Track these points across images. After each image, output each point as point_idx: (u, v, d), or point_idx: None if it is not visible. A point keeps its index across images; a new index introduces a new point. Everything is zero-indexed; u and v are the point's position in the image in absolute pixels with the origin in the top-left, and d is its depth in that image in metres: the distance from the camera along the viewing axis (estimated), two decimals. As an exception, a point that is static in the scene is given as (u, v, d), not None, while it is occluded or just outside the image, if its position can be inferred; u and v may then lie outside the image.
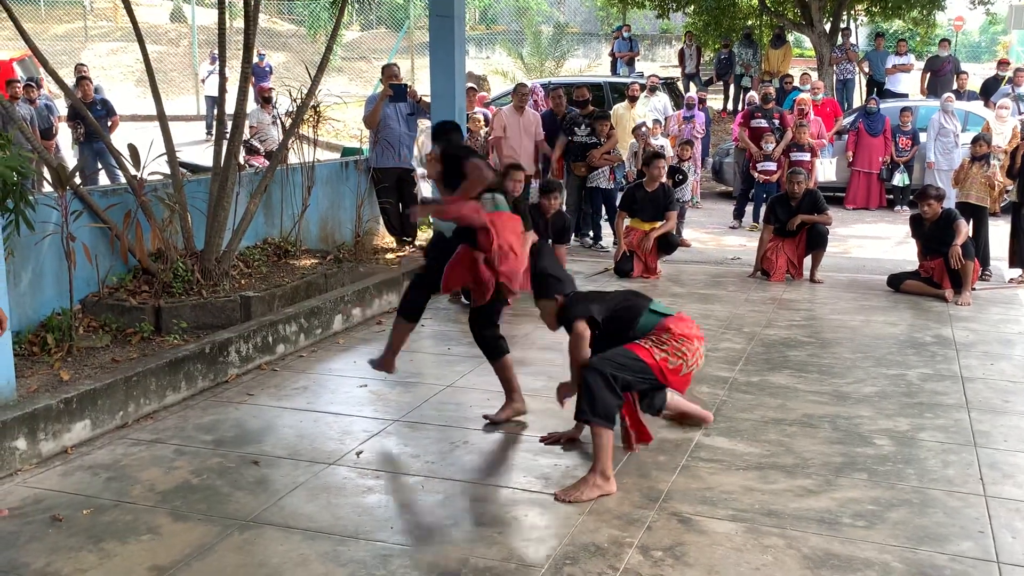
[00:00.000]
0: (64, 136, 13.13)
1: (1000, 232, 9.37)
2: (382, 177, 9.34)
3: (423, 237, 9.59)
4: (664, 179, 9.34)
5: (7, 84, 11.64)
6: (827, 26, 18.44)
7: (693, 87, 19.19)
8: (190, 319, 6.33)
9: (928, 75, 16.88)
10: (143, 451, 4.59)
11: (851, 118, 14.37)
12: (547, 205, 8.89)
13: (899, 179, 13.47)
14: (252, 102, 10.23)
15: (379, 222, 9.75)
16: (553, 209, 8.91)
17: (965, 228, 8.01)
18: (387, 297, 7.44)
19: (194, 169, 9.54)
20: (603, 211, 10.47)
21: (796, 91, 14.53)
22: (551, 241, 8.85)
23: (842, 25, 19.39)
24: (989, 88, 15.40)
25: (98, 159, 12.07)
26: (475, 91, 12.53)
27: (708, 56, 22.79)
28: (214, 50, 16.22)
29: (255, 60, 12.14)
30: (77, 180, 6.45)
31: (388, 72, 9.41)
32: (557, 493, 4.08)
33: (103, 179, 12.07)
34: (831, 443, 4.71)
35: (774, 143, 11.86)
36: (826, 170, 12.66)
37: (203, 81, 18.64)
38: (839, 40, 18.23)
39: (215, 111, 10.54)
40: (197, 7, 22.85)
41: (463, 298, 7.27)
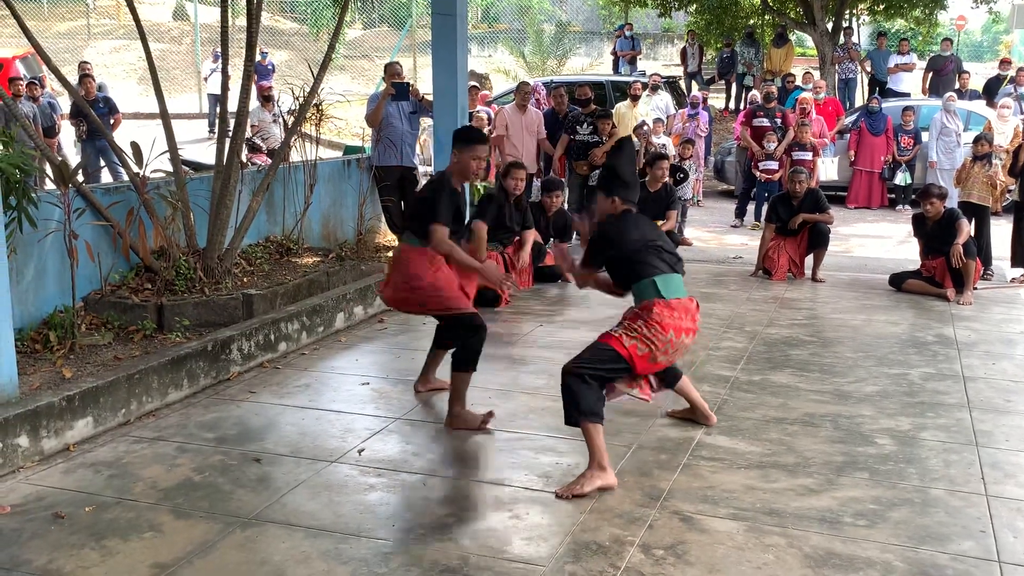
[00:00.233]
0: (67, 134, 13.16)
1: (1002, 232, 9.37)
2: (384, 175, 9.34)
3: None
4: (667, 179, 9.35)
5: (10, 82, 11.67)
6: (829, 25, 18.45)
7: (695, 86, 19.19)
8: (192, 317, 6.34)
9: (930, 74, 16.89)
10: (145, 448, 4.59)
11: (853, 117, 14.37)
12: (549, 203, 8.89)
13: (901, 178, 13.48)
14: (253, 100, 10.23)
15: (381, 220, 9.77)
16: (555, 207, 8.91)
17: (967, 227, 7.99)
18: (389, 295, 7.43)
19: (196, 167, 9.54)
20: (605, 210, 10.47)
21: (798, 90, 14.54)
22: (552, 239, 8.86)
23: (844, 24, 19.38)
24: (991, 87, 15.41)
25: (101, 156, 12.10)
26: (477, 89, 12.54)
27: (710, 55, 22.79)
28: (217, 48, 16.26)
29: (257, 58, 12.16)
30: (80, 177, 6.46)
31: (390, 70, 9.41)
32: (558, 490, 4.08)
33: (106, 177, 12.10)
34: (832, 442, 4.71)
35: (776, 142, 11.85)
36: (828, 169, 12.67)
37: (205, 79, 18.66)
38: (841, 39, 18.22)
39: (217, 109, 10.56)
40: (200, 5, 22.83)
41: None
